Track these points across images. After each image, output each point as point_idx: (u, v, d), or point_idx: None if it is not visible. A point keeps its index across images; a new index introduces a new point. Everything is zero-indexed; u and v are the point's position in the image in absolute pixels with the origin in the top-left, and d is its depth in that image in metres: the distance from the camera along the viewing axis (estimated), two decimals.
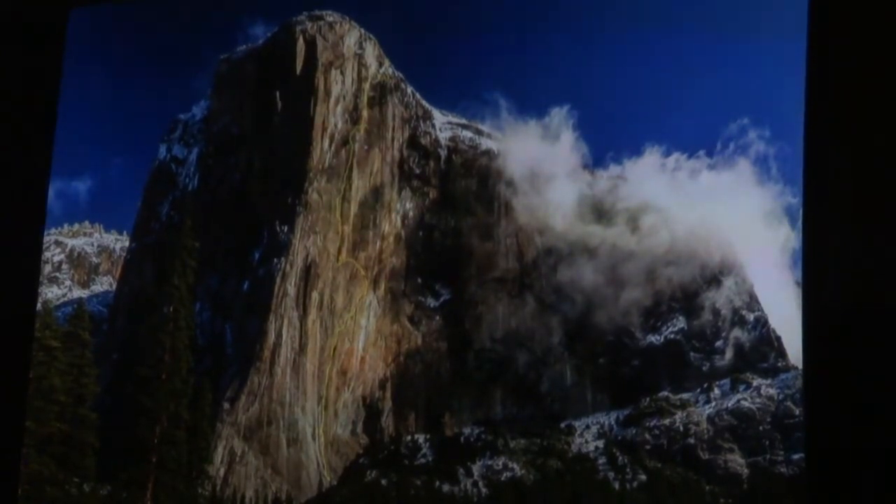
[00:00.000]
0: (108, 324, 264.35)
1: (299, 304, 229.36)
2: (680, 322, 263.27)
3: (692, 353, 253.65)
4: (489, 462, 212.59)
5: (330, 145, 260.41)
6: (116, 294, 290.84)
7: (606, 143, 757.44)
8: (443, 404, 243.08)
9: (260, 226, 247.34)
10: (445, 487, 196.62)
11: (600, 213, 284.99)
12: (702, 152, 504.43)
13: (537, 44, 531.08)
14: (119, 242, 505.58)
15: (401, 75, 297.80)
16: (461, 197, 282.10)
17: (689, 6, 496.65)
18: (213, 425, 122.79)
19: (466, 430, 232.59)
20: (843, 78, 4.02)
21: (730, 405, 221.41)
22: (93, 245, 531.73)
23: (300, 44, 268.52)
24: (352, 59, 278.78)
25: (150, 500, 56.31)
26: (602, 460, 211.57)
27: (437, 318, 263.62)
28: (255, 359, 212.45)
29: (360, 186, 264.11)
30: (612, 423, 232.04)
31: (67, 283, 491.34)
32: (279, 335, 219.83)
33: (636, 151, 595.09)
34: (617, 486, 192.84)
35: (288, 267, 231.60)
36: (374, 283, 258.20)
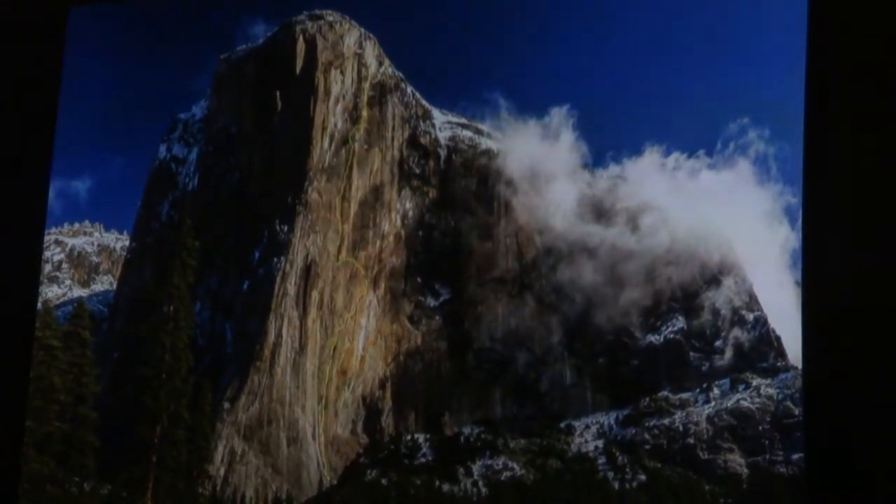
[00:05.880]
0: (109, 323, 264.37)
1: (299, 303, 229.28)
2: (679, 322, 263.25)
3: (692, 353, 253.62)
4: (489, 462, 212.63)
5: (330, 145, 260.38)
6: (116, 293, 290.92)
7: (606, 143, 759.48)
8: (443, 404, 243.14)
9: (260, 225, 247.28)
10: (445, 487, 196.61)
11: (600, 212, 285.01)
12: (701, 152, 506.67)
13: (537, 44, 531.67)
14: (119, 242, 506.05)
15: (401, 75, 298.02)
16: (461, 196, 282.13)
17: (690, 6, 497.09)
18: (213, 425, 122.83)
19: (466, 430, 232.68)
20: (843, 78, 3.99)
21: (729, 405, 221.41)
22: (93, 244, 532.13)
23: (300, 43, 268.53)
24: (352, 59, 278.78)
25: (151, 500, 56.33)
26: (602, 460, 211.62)
27: (437, 317, 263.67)
28: (255, 358, 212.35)
29: (359, 186, 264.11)
30: (612, 422, 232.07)
31: (67, 282, 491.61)
32: (279, 335, 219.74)
33: (636, 151, 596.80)
34: (616, 485, 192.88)
35: (288, 266, 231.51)
36: (374, 283, 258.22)
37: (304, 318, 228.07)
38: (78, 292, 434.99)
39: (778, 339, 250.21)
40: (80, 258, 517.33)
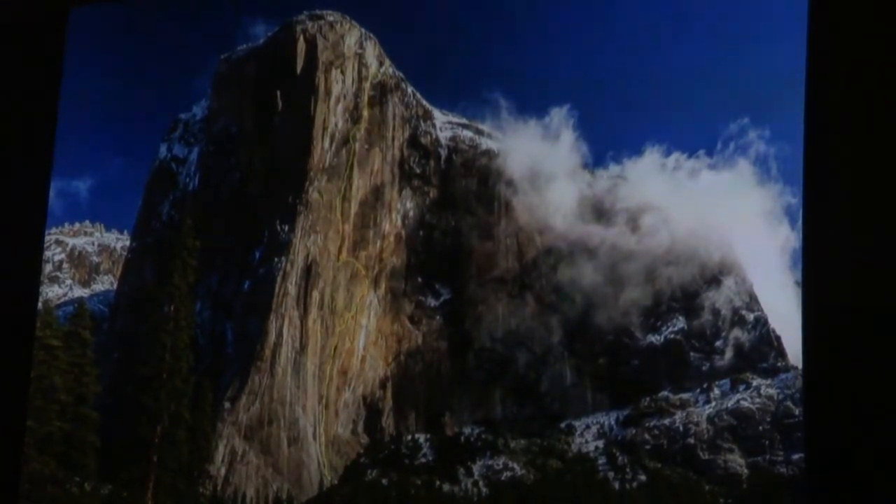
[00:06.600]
0: (109, 323, 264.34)
1: (300, 303, 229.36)
2: (680, 322, 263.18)
3: (692, 353, 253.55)
4: (489, 462, 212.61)
5: (330, 145, 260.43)
6: (117, 293, 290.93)
7: (606, 143, 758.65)
8: (443, 404, 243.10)
9: (260, 225, 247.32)
10: (446, 487, 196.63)
11: (600, 212, 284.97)
12: (702, 152, 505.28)
13: (537, 44, 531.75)
14: (120, 241, 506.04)
15: (401, 75, 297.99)
16: (461, 196, 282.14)
17: (690, 6, 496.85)
18: (213, 425, 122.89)
19: (466, 430, 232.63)
20: (843, 78, 4.00)
21: (729, 405, 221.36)
22: (93, 244, 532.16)
23: (300, 43, 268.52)
24: (352, 59, 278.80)
25: (151, 500, 56.35)
26: (602, 460, 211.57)
27: (438, 317, 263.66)
28: (255, 358, 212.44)
29: (360, 186, 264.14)
30: (612, 422, 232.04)
31: (68, 282, 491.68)
32: (280, 334, 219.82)
33: (636, 151, 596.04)
34: (617, 486, 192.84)
35: (288, 266, 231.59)
36: (375, 283, 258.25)
37: (304, 317, 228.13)
38: (78, 292, 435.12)
39: (778, 339, 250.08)
40: (81, 258, 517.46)
